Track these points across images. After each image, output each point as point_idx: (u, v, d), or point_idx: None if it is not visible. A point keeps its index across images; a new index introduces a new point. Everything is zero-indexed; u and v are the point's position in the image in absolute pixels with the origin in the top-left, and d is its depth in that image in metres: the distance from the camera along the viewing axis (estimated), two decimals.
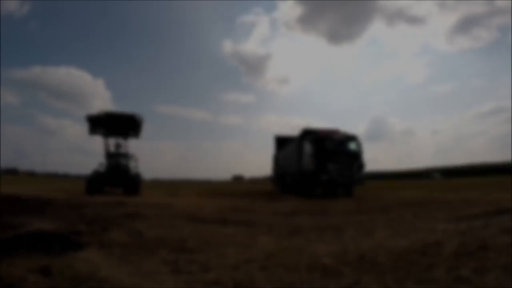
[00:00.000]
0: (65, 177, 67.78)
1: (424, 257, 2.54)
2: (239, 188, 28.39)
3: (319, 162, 11.39)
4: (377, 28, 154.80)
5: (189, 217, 6.13)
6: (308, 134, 12.96)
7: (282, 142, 18.92)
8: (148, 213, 6.86)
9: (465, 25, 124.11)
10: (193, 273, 2.46)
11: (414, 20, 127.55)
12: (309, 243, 3.53)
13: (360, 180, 11.76)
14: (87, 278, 2.18)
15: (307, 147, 12.09)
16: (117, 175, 14.17)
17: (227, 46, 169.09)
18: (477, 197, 7.95)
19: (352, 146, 12.26)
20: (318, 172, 11.28)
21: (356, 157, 11.93)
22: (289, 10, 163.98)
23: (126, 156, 15.11)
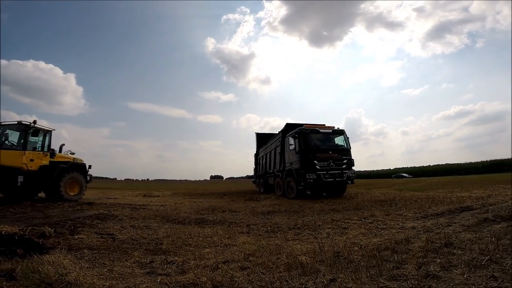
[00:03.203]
0: None
1: (395, 254, 2.65)
2: (217, 188, 28.13)
3: (306, 159, 10.12)
4: (357, 32, 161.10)
5: (165, 218, 5.99)
6: (292, 129, 11.63)
7: (264, 139, 17.26)
8: (121, 214, 6.63)
9: (439, 31, 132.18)
10: (170, 274, 2.39)
11: (392, 25, 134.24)
12: (287, 242, 3.58)
13: (351, 178, 10.53)
14: (55, 282, 2.05)
15: (292, 143, 10.80)
16: None
17: (210, 44, 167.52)
18: (442, 195, 8.46)
19: (340, 141, 11.12)
20: (305, 170, 9.99)
21: (345, 153, 10.75)
22: (275, 10, 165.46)
23: None
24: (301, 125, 11.46)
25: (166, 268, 2.57)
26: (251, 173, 20.37)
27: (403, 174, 52.26)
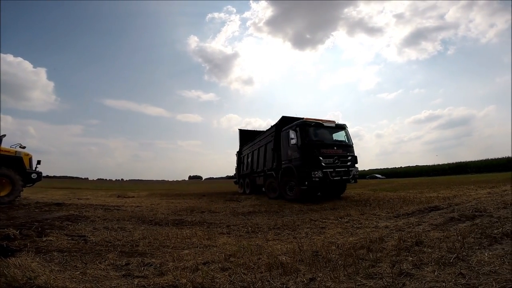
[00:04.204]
0: None
1: (370, 253, 2.75)
2: (196, 189, 27.67)
3: (310, 155, 9.03)
4: (338, 36, 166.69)
5: (141, 219, 5.79)
6: (289, 122, 10.52)
7: (248, 136, 15.88)
8: (93, 215, 6.34)
9: (415, 38, 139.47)
10: (147, 277, 2.33)
11: (372, 30, 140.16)
12: (267, 242, 3.61)
13: (355, 176, 9.73)
14: (24, 286, 1.93)
15: (293, 137, 9.57)
16: None
17: (193, 42, 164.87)
18: (412, 196, 8.92)
19: (342, 136, 10.22)
20: (309, 168, 8.85)
21: (349, 149, 9.91)
22: (261, 11, 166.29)
23: None
24: (299, 118, 10.43)
25: (143, 270, 2.49)
26: (232, 173, 19.12)
27: (376, 175, 54.22)
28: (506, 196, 5.96)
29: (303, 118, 10.20)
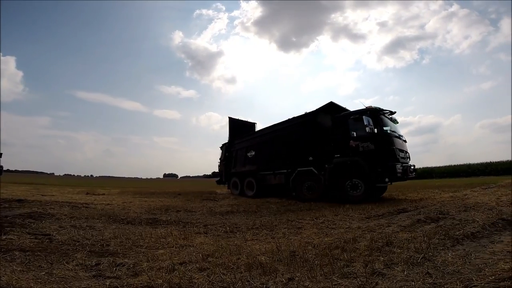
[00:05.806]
0: None
1: (344, 253, 2.85)
2: (171, 187, 26.96)
3: (390, 147, 7.83)
4: (323, 41, 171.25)
5: (112, 218, 5.54)
6: (338, 110, 9.46)
7: (242, 127, 13.62)
8: (59, 213, 5.96)
9: (395, 46, 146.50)
10: (120, 277, 2.23)
11: (356, 37, 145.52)
12: (246, 242, 3.60)
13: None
14: None
15: (367, 124, 7.97)
16: None
17: (177, 37, 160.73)
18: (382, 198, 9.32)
19: (395, 129, 8.84)
20: (392, 161, 7.65)
21: (406, 145, 9.05)
22: (250, 11, 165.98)
23: None
24: (345, 109, 9.62)
25: (116, 271, 2.39)
26: (209, 172, 17.77)
27: None
28: (466, 200, 6.44)
29: (347, 109, 9.40)
